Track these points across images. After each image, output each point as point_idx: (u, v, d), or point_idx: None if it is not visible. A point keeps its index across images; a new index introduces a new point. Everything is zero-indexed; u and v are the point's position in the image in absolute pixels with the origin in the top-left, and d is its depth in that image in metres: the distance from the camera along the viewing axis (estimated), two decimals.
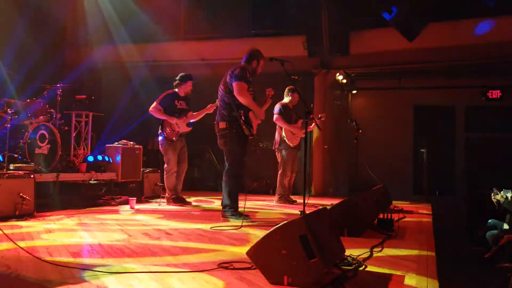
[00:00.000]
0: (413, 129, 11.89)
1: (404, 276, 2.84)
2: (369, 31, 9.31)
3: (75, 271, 2.76)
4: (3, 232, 3.01)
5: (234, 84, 5.18)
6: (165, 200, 6.94)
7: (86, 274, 2.69)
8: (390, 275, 2.86)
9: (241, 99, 5.17)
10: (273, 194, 8.37)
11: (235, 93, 5.17)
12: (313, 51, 9.17)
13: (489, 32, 8.66)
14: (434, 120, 11.87)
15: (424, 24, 8.66)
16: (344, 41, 9.01)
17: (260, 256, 2.65)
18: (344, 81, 10.70)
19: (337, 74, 10.18)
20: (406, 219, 5.85)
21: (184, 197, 7.01)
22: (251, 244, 2.68)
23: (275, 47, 8.94)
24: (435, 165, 11.04)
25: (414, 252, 3.68)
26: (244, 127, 5.19)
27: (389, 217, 4.93)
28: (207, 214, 5.92)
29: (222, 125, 5.31)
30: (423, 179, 10.84)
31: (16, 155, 6.08)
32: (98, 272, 2.71)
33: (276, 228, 2.63)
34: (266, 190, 9.92)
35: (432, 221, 5.82)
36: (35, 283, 2.48)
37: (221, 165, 10.73)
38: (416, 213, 6.63)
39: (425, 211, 6.93)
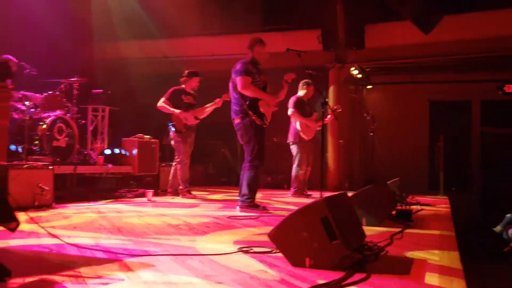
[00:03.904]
0: (428, 124, 11.79)
1: (426, 260, 2.82)
2: (384, 25, 9.25)
3: (97, 253, 2.78)
4: (28, 215, 3.04)
5: (237, 79, 5.24)
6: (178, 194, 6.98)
7: (108, 256, 2.71)
8: (412, 259, 2.84)
9: (247, 93, 5.21)
10: (288, 188, 8.36)
11: (239, 88, 5.22)
12: (328, 45, 9.12)
13: (505, 25, 8.56)
14: (449, 115, 11.76)
15: (440, 16, 8.58)
16: (359, 34, 8.95)
17: (281, 238, 2.64)
18: (359, 75, 10.63)
19: (352, 68, 10.12)
20: (424, 211, 5.80)
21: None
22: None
23: (289, 42, 8.89)
24: (451, 160, 10.93)
25: (435, 234, 3.66)
26: (254, 118, 5.20)
27: (407, 208, 4.90)
28: (224, 205, 5.94)
29: (236, 120, 5.36)
30: (439, 174, 10.74)
31: (34, 148, 6.15)
32: (120, 254, 2.73)
33: (297, 210, 2.63)
34: (280, 184, 9.90)
35: (450, 213, 5.77)
36: (58, 264, 2.50)
37: (235, 161, 10.75)
38: (434, 206, 6.57)
39: (442, 204, 6.87)
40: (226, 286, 2.13)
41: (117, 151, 7.31)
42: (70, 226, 3.91)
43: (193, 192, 7.11)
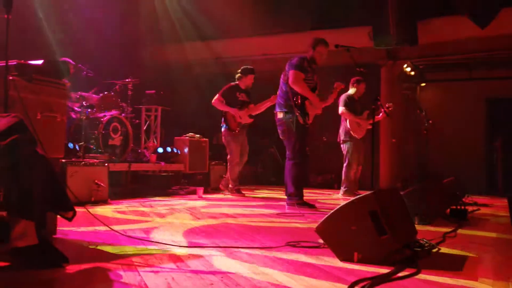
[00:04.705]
0: (485, 122, 11.30)
1: (481, 258, 2.71)
2: (438, 19, 8.94)
3: (148, 244, 2.86)
4: (87, 209, 3.18)
5: (289, 72, 5.24)
6: (228, 192, 7.06)
7: (159, 247, 2.78)
8: (466, 257, 2.74)
9: (296, 88, 5.20)
10: (338, 188, 8.25)
11: (289, 81, 5.21)
12: (379, 42, 8.92)
13: None
14: (508, 113, 11.22)
15: (497, 10, 8.22)
16: (411, 30, 8.68)
17: (329, 232, 2.62)
18: (412, 73, 10.35)
19: (405, 65, 9.87)
20: (480, 211, 5.58)
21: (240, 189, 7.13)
22: None
23: (339, 39, 8.75)
24: (511, 160, 10.43)
25: (492, 235, 3.51)
26: (297, 114, 5.18)
27: (462, 208, 4.73)
28: (272, 203, 5.95)
29: (279, 114, 5.37)
30: (497, 175, 10.27)
31: (91, 146, 6.40)
32: (170, 245, 2.80)
33: (345, 204, 2.60)
34: (330, 184, 9.80)
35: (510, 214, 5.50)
36: (112, 254, 2.60)
37: (284, 161, 10.73)
38: (491, 206, 6.30)
39: (500, 205, 6.57)
40: (273, 277, 2.13)
41: (169, 149, 7.50)
42: (124, 220, 4.04)
43: (243, 191, 7.16)
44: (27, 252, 2.14)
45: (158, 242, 2.91)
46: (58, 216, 3.02)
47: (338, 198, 7.09)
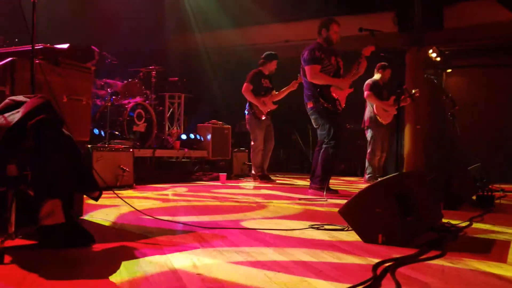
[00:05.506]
0: None
1: (510, 241, 2.66)
2: (465, 3, 8.73)
3: (173, 225, 2.90)
4: (113, 191, 3.22)
5: (306, 69, 5.22)
6: (252, 178, 7.09)
7: (183, 228, 2.81)
8: (493, 240, 2.69)
9: (316, 82, 5.19)
10: (361, 175, 8.19)
11: (308, 78, 5.22)
12: (403, 27, 8.75)
13: None
14: None
15: None
16: (437, 15, 8.50)
17: (353, 214, 2.60)
18: (438, 58, 10.14)
19: (430, 51, 9.67)
20: (507, 198, 5.47)
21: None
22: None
23: (363, 25, 8.64)
24: None
25: None
26: (326, 105, 5.15)
27: (489, 194, 4.64)
28: (294, 189, 5.95)
29: (309, 104, 5.36)
30: None
31: (116, 132, 6.48)
32: (194, 226, 2.82)
33: (370, 186, 2.58)
34: (354, 171, 9.73)
35: None
36: (138, 234, 2.63)
37: (306, 148, 10.69)
38: None
39: None
40: (298, 257, 2.13)
41: (192, 136, 7.55)
42: (148, 202, 4.09)
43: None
44: (54, 231, 2.18)
45: (182, 223, 2.94)
46: (84, 198, 3.09)
47: (360, 187, 7.04)
